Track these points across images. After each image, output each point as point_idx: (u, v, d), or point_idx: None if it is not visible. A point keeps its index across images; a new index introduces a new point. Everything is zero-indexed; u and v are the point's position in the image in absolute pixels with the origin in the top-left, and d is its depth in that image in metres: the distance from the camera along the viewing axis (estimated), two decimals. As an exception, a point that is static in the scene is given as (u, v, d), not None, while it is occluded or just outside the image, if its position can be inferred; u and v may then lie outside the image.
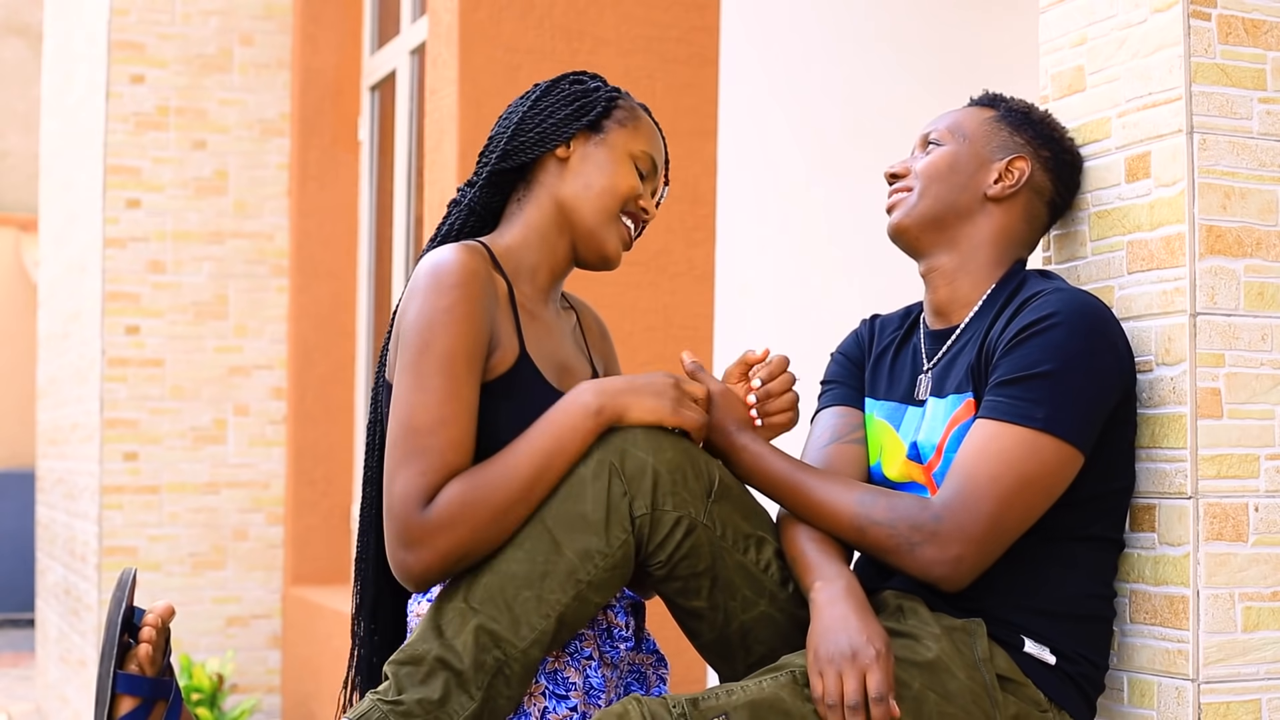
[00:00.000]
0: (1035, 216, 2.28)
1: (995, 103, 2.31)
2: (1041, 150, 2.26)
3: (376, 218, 6.02)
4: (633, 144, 2.30)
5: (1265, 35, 2.17)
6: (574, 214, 2.27)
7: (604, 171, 2.27)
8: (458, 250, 2.14)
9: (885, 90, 3.92)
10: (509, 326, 2.17)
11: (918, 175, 2.28)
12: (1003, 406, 2.07)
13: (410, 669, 2.01)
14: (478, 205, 2.30)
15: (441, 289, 2.09)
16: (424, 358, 2.07)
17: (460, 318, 2.08)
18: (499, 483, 2.03)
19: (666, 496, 2.03)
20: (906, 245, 2.30)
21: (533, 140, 2.27)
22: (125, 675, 2.03)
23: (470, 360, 2.09)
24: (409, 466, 2.04)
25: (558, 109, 2.28)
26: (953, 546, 2.04)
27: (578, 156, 2.27)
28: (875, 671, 1.95)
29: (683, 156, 4.34)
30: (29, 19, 12.88)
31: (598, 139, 2.28)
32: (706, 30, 4.43)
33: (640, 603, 2.24)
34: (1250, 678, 2.10)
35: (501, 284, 2.19)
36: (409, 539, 2.03)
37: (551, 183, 2.27)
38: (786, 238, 4.21)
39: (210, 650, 5.95)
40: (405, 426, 2.06)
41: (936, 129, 2.30)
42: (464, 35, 4.19)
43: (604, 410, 2.06)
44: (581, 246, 2.29)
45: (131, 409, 5.97)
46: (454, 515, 2.02)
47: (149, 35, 6.01)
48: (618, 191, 2.27)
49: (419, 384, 2.07)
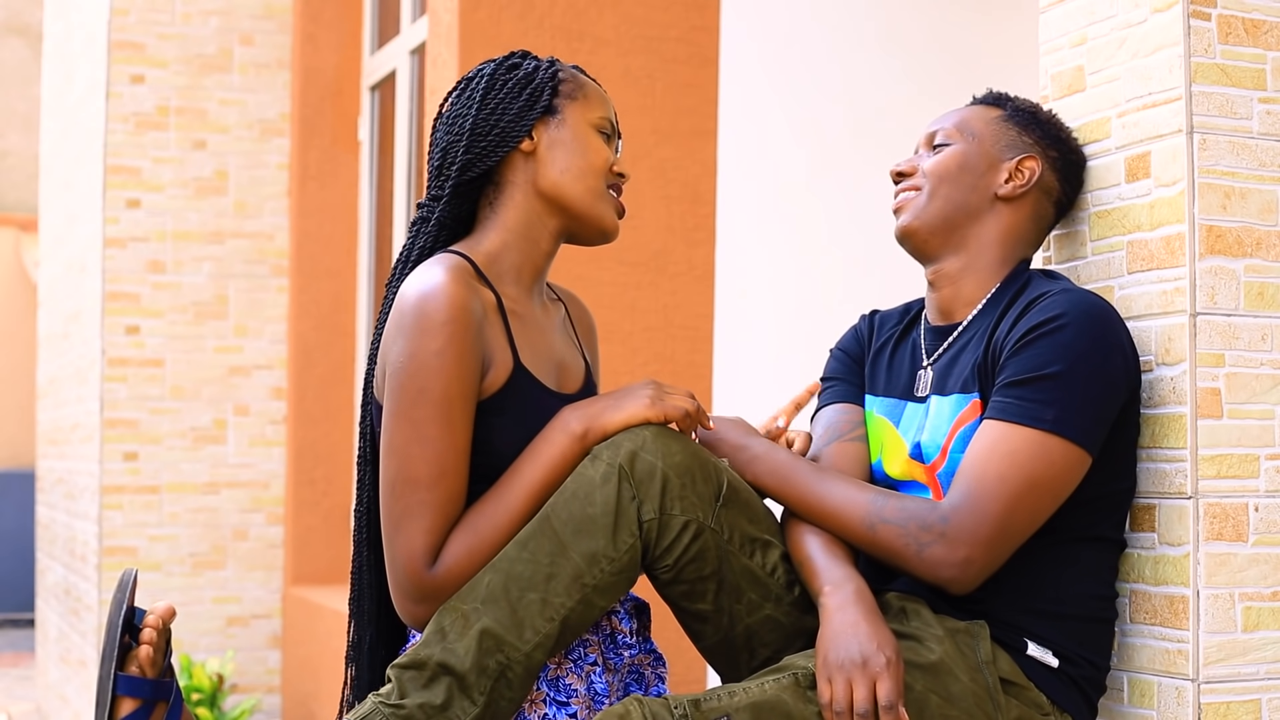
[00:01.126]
0: (1042, 216, 2.27)
1: (1001, 101, 2.30)
2: (1050, 150, 2.25)
3: (376, 218, 6.01)
4: (589, 113, 2.25)
5: (1265, 35, 2.17)
6: (562, 200, 2.22)
7: (575, 151, 2.23)
8: (443, 279, 2.08)
9: (885, 90, 3.91)
10: (501, 340, 2.15)
11: (926, 175, 2.26)
12: (1011, 408, 2.06)
13: (413, 673, 2.00)
14: (447, 219, 2.24)
15: (431, 329, 2.06)
16: (419, 405, 2.05)
17: (452, 360, 2.06)
18: (498, 523, 2.06)
19: (675, 500, 2.03)
20: (915, 248, 2.28)
21: (494, 142, 2.21)
22: (126, 677, 2.03)
23: (465, 402, 2.08)
24: (411, 523, 2.05)
25: (508, 103, 2.22)
26: (961, 548, 2.03)
27: (544, 145, 2.22)
28: (886, 679, 1.95)
29: (683, 156, 4.34)
30: (29, 19, 12.87)
31: (557, 121, 2.23)
32: (706, 30, 4.42)
33: (644, 604, 2.23)
34: (1250, 678, 2.10)
35: (488, 296, 2.15)
36: (419, 595, 2.06)
37: (523, 179, 2.23)
38: (786, 238, 4.21)
39: (210, 650, 5.95)
40: (404, 478, 2.06)
41: (943, 127, 2.29)
42: (464, 35, 4.18)
43: (589, 433, 2.08)
44: (579, 229, 2.25)
45: (131, 409, 5.97)
46: (461, 568, 2.05)
47: (149, 35, 6.01)
48: (596, 167, 2.23)
49: (416, 434, 2.05)
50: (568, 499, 2.03)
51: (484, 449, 2.11)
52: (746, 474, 2.17)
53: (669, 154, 4.35)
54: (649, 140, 4.34)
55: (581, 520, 2.01)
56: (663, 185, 4.36)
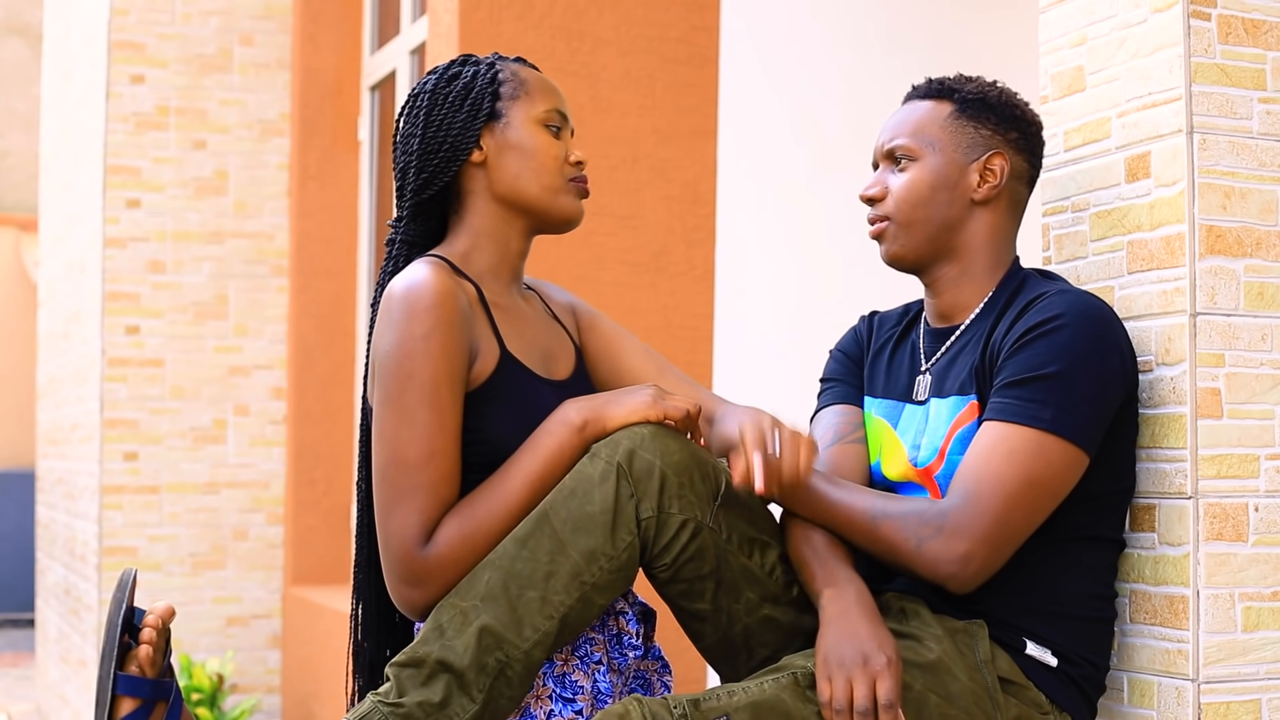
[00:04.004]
0: (1020, 201, 2.27)
1: (946, 93, 2.25)
2: (1009, 133, 2.23)
3: (376, 218, 6.02)
4: (534, 109, 2.25)
5: (1265, 35, 2.17)
6: (522, 202, 2.23)
7: (525, 152, 2.23)
8: (427, 272, 2.10)
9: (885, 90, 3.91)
10: (486, 330, 2.16)
11: (898, 204, 2.23)
12: (1009, 408, 2.06)
13: (412, 671, 2.01)
14: (415, 238, 2.27)
15: (416, 315, 2.07)
16: (407, 389, 2.06)
17: (439, 344, 2.07)
18: (495, 511, 2.06)
19: (673, 499, 2.03)
20: (905, 269, 2.28)
21: (444, 160, 2.22)
22: (126, 677, 2.03)
23: (453, 385, 2.08)
24: (403, 505, 2.05)
25: (451, 118, 2.22)
26: (960, 543, 2.03)
27: (493, 152, 2.23)
28: (886, 679, 1.95)
29: (683, 156, 4.34)
30: (29, 19, 12.87)
31: (501, 125, 2.23)
32: (706, 30, 4.42)
33: (651, 610, 2.23)
34: (1250, 678, 2.10)
35: (470, 288, 2.18)
36: (411, 578, 2.05)
37: (480, 187, 2.24)
38: (786, 238, 4.21)
39: (210, 650, 5.95)
40: (395, 462, 2.06)
41: (899, 140, 2.24)
42: (464, 35, 4.18)
43: (588, 425, 2.08)
44: (543, 223, 2.26)
45: (131, 409, 5.97)
46: (454, 552, 2.04)
47: (149, 35, 6.01)
48: (548, 165, 2.23)
49: (405, 418, 2.06)
50: (566, 496, 2.03)
51: (478, 438, 2.12)
52: None
53: (669, 154, 4.35)
54: (649, 140, 4.34)
55: (580, 518, 2.02)
56: (663, 185, 4.35)
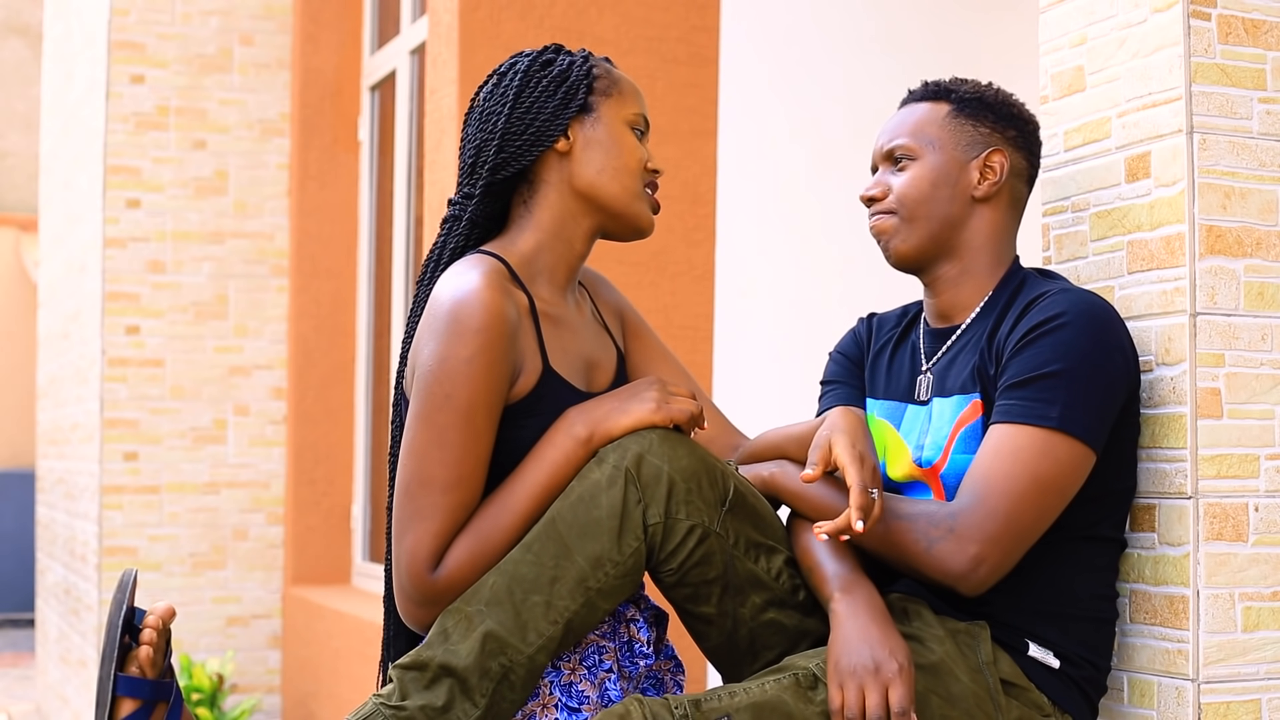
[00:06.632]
0: (1019, 199, 2.28)
1: (943, 94, 2.27)
2: (1007, 131, 2.24)
3: (376, 218, 6.01)
4: (624, 110, 2.23)
5: (1265, 35, 2.17)
6: (600, 200, 2.20)
7: (611, 151, 2.20)
8: (479, 284, 2.06)
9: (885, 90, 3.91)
10: (532, 345, 2.12)
11: (900, 200, 2.24)
12: (1015, 408, 2.06)
13: (415, 674, 2.00)
14: (480, 218, 2.21)
15: (464, 335, 2.04)
16: (443, 410, 2.04)
17: (481, 369, 2.04)
18: (502, 525, 2.05)
19: (680, 505, 2.02)
20: (909, 269, 2.28)
21: (528, 142, 2.18)
22: (126, 677, 2.03)
23: (490, 411, 2.06)
24: (421, 524, 2.04)
25: (544, 102, 2.19)
26: (970, 544, 2.02)
27: (579, 144, 2.20)
28: (898, 686, 1.94)
29: (683, 156, 4.34)
30: (29, 19, 12.87)
31: (593, 119, 2.21)
32: (706, 30, 4.42)
33: (663, 613, 2.22)
34: (1250, 678, 2.10)
35: (522, 299, 2.13)
36: (420, 598, 2.05)
37: (558, 178, 2.20)
38: (786, 238, 4.21)
39: (210, 650, 5.95)
40: (420, 479, 2.05)
41: (899, 141, 2.25)
42: (464, 35, 4.18)
43: (594, 436, 2.07)
44: (615, 228, 2.23)
45: (131, 409, 5.97)
46: (464, 573, 2.04)
47: (149, 35, 6.01)
48: (632, 167, 2.21)
49: (438, 437, 2.04)
50: (573, 502, 2.03)
51: (510, 450, 2.10)
52: (754, 479, 2.18)
53: (669, 154, 4.35)
54: (649, 140, 4.34)
55: (586, 523, 2.01)
56: (663, 185, 4.34)
